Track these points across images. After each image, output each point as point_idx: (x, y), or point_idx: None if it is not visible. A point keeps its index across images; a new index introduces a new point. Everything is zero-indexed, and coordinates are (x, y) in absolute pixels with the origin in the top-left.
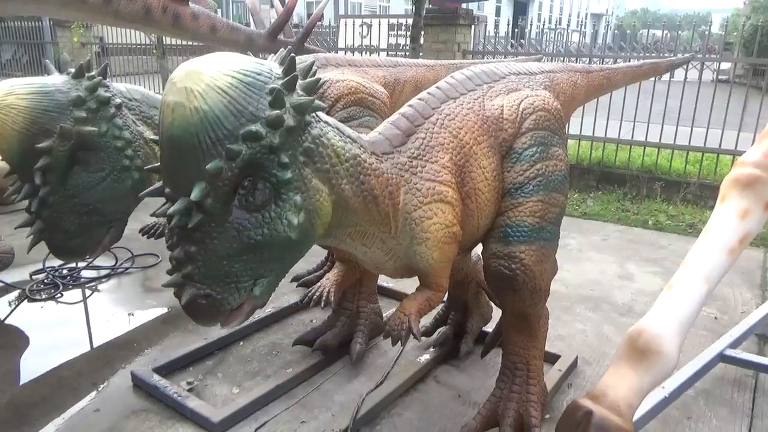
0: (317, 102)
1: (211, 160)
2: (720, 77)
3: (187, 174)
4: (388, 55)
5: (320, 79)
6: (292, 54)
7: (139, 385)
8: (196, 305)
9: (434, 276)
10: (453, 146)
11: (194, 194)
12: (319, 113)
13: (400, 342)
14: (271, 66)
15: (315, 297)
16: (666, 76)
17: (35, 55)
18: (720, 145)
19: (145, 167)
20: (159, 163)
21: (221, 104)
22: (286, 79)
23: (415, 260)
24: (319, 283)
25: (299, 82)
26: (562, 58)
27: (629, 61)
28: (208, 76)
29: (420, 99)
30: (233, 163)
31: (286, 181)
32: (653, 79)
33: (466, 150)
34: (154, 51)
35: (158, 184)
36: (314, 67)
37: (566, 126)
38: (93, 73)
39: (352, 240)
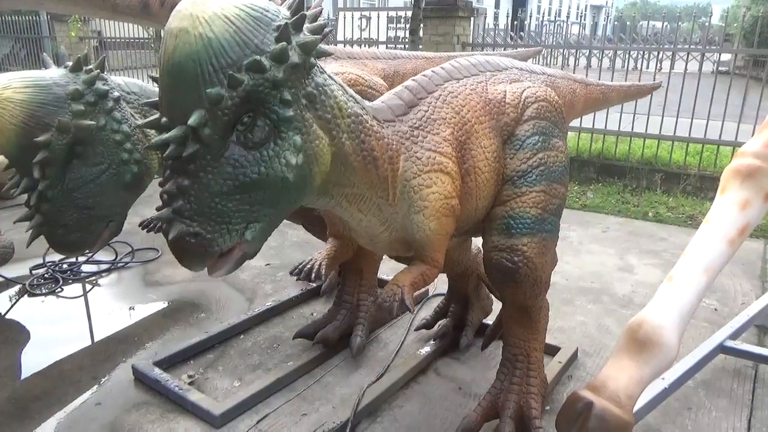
0: (323, 47)
1: (212, 88)
2: (720, 69)
3: (187, 102)
4: (387, 47)
5: (327, 22)
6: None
7: (140, 378)
8: (184, 243)
9: (430, 249)
10: (455, 121)
11: (192, 120)
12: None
13: (391, 314)
14: (279, 8)
15: (306, 269)
16: (666, 68)
17: (33, 50)
18: (720, 137)
19: (143, 101)
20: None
21: (227, 33)
22: (293, 18)
23: (411, 230)
24: (311, 257)
25: (306, 24)
26: (561, 50)
27: (629, 53)
28: (216, 5)
29: (424, 75)
30: (234, 92)
31: (287, 119)
32: (653, 70)
33: (468, 127)
34: (152, 45)
35: (156, 116)
36: (320, 11)
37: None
38: (91, 67)
39: (349, 204)
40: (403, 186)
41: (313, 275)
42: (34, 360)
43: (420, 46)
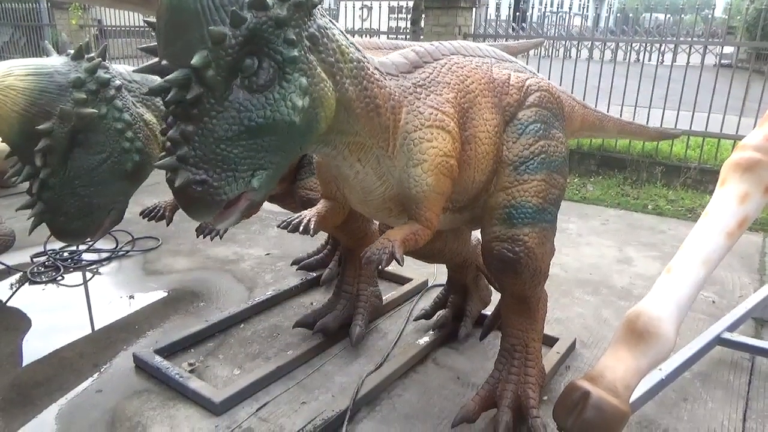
0: None
1: (214, 27)
2: (723, 62)
3: (188, 42)
4: (388, 37)
5: None
6: None
7: (141, 366)
8: (190, 192)
9: (425, 207)
10: (459, 88)
11: (195, 60)
12: None
13: (380, 267)
14: None
15: (294, 223)
16: (668, 60)
17: (33, 38)
18: (721, 130)
19: (140, 46)
20: (155, 42)
21: None
22: None
23: (408, 185)
24: (300, 213)
25: None
26: (563, 42)
27: (631, 45)
28: None
29: (432, 44)
30: (238, 30)
31: (292, 59)
32: (655, 63)
33: (471, 97)
34: (153, 34)
35: (154, 61)
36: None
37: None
38: (92, 55)
39: (350, 153)
40: (404, 138)
41: (301, 228)
42: (35, 347)
43: (421, 37)
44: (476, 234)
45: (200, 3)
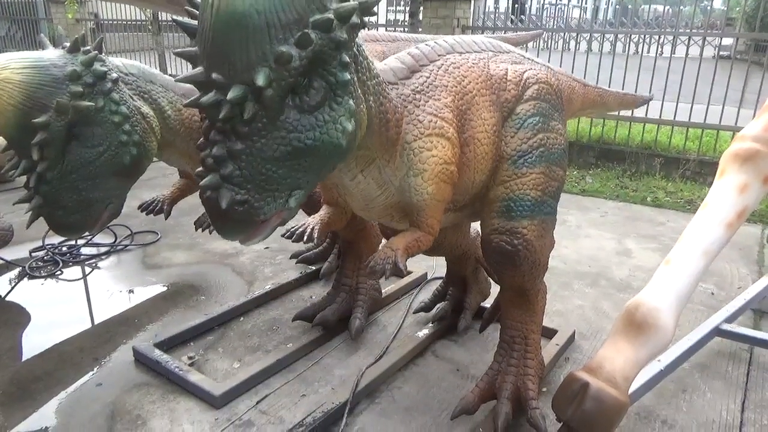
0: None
1: (279, 45)
2: (721, 53)
3: (247, 58)
4: (386, 29)
5: None
6: None
7: (141, 360)
8: (233, 212)
9: (426, 215)
10: (456, 90)
11: (260, 79)
12: None
13: (384, 276)
14: None
15: (299, 231)
16: (667, 52)
17: (29, 32)
18: (720, 122)
19: (175, 51)
20: (193, 48)
21: None
22: None
23: (409, 194)
24: (304, 221)
25: None
26: (562, 34)
27: (630, 37)
28: None
29: (427, 45)
30: (303, 52)
31: (345, 82)
32: (654, 54)
33: (469, 98)
34: (150, 27)
35: (198, 70)
36: None
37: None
38: (89, 48)
39: (356, 165)
40: (404, 148)
41: (305, 237)
42: (34, 341)
43: (419, 29)
44: (475, 226)
45: (265, 18)
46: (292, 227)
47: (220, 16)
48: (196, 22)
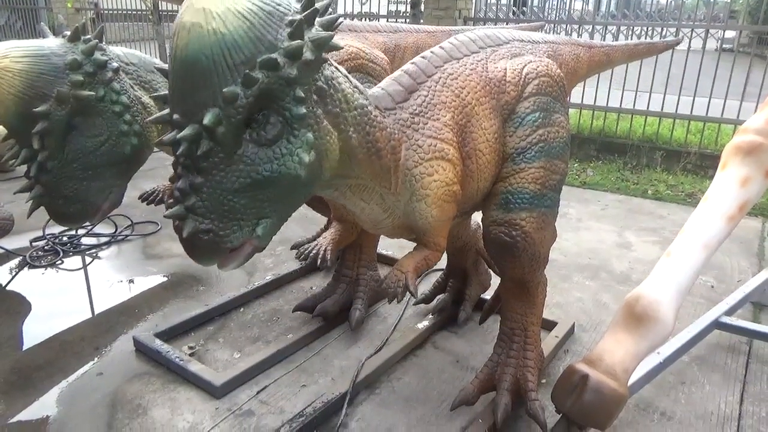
0: (335, 41)
1: (226, 86)
2: (724, 46)
3: (200, 99)
4: (388, 21)
5: (339, 16)
6: None
7: (141, 349)
8: (197, 240)
9: (432, 235)
10: (455, 105)
11: (207, 119)
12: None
13: (396, 300)
14: (292, 1)
15: (312, 255)
16: None
17: (29, 21)
18: (722, 115)
19: (151, 95)
20: (166, 91)
21: (240, 29)
22: (305, 12)
23: (413, 217)
24: (315, 242)
25: (318, 18)
26: (564, 26)
27: (632, 29)
28: (228, 0)
29: (423, 57)
30: (249, 90)
31: (300, 116)
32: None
33: (468, 110)
34: (150, 17)
35: (165, 111)
36: (331, 3)
37: (568, 97)
38: (89, 37)
39: (353, 194)
40: (405, 175)
41: (319, 261)
42: (35, 331)
43: (421, 20)
44: (476, 218)
45: (213, 61)
46: (305, 248)
47: (176, 61)
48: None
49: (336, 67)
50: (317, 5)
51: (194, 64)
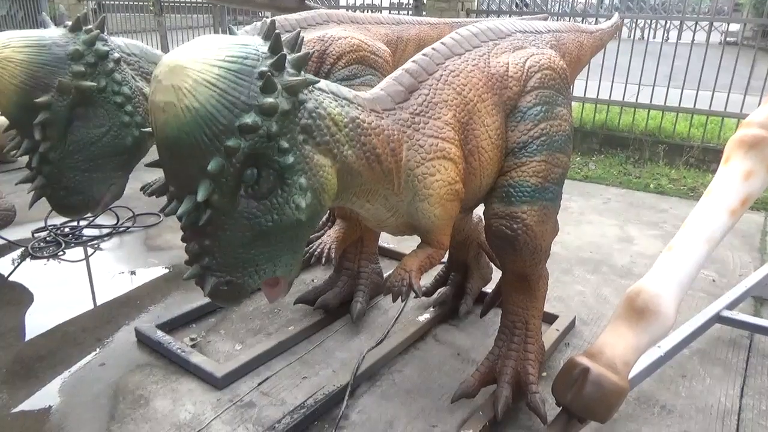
0: (309, 77)
1: (211, 158)
2: (728, 39)
3: (189, 173)
4: (390, 12)
5: (309, 53)
6: (275, 27)
7: (143, 340)
8: (219, 292)
9: (436, 233)
10: (457, 103)
11: (200, 195)
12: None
13: (400, 298)
14: (256, 45)
15: (316, 253)
16: (673, 38)
17: (30, 12)
18: (725, 108)
19: (146, 164)
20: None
21: (212, 99)
22: (274, 59)
23: (417, 217)
24: (320, 240)
25: (288, 58)
26: (567, 18)
27: (636, 22)
28: (194, 71)
29: (424, 55)
30: (233, 158)
31: (289, 166)
32: (660, 40)
33: (470, 107)
34: (152, 8)
35: (162, 182)
36: (300, 37)
37: (571, 87)
38: (91, 27)
39: (357, 198)
40: (407, 175)
41: (323, 260)
42: (37, 322)
43: (424, 12)
44: (478, 211)
45: (193, 138)
46: (310, 248)
47: (159, 142)
48: None
49: (320, 89)
50: (284, 40)
51: (176, 143)
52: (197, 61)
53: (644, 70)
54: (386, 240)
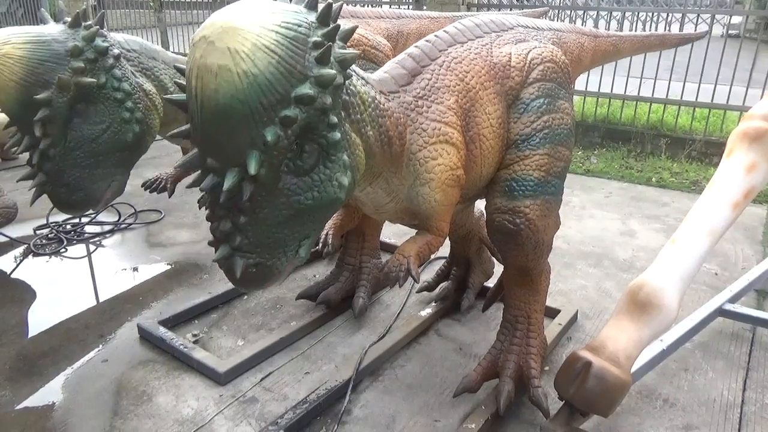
0: (353, 52)
1: (266, 128)
2: (730, 32)
3: (237, 144)
4: (391, 7)
5: (355, 26)
6: None
7: (146, 337)
8: (248, 275)
9: (435, 219)
10: (459, 89)
11: (252, 167)
12: None
13: (398, 284)
14: (304, 13)
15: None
16: (675, 30)
17: (30, 8)
18: (728, 102)
19: (170, 133)
20: (185, 128)
21: (271, 66)
22: (327, 29)
23: (417, 201)
24: None
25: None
26: (568, 11)
27: (637, 15)
28: (252, 34)
29: (427, 41)
30: (290, 130)
31: (336, 142)
32: (662, 33)
33: (472, 94)
34: (152, 4)
35: (194, 154)
36: (340, 5)
37: (572, 84)
38: (90, 23)
39: (363, 180)
40: (409, 159)
41: (320, 245)
42: (40, 318)
43: (424, 7)
44: (479, 205)
45: (249, 106)
46: None
47: (205, 110)
48: (185, 96)
49: (351, 70)
50: (333, 17)
51: (228, 111)
52: (255, 24)
53: (646, 63)
54: (388, 235)
